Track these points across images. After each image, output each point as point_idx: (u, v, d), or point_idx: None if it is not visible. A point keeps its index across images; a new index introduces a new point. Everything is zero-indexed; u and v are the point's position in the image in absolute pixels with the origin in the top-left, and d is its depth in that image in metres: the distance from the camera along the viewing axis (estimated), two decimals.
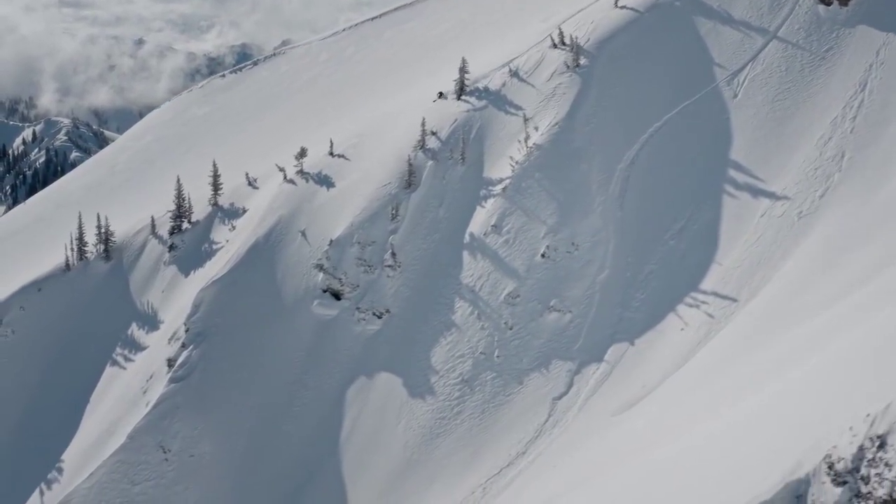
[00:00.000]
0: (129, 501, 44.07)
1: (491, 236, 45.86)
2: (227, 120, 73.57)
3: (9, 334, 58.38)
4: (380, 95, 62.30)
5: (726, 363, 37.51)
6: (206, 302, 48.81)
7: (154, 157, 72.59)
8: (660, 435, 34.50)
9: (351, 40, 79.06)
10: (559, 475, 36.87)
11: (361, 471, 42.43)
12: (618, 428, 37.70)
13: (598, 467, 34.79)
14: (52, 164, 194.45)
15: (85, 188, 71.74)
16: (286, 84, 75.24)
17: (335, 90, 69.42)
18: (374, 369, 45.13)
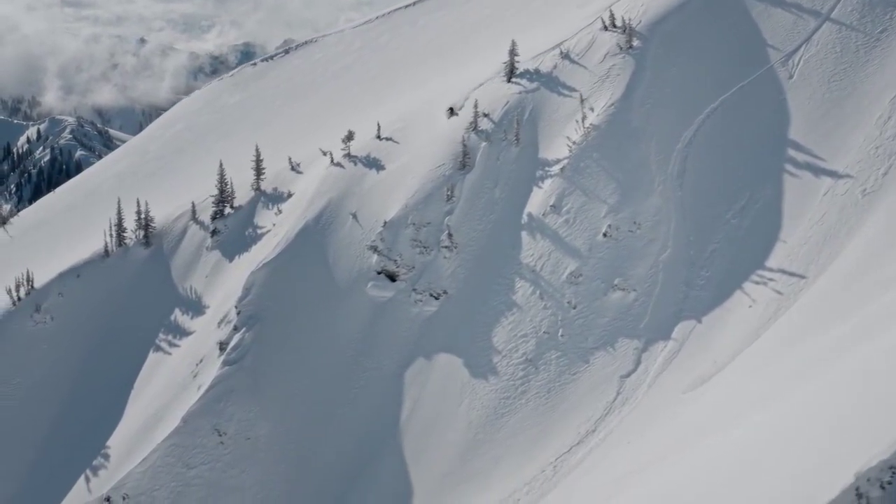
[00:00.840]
0: (184, 485, 43.99)
1: (550, 216, 46.07)
2: (262, 107, 73.85)
3: (47, 321, 58.42)
4: (419, 81, 62.62)
5: (799, 339, 37.68)
6: (258, 285, 48.88)
7: (186, 144, 72.79)
8: (734, 413, 34.60)
9: (384, 28, 79.43)
10: (631, 453, 36.99)
11: (424, 451, 42.49)
12: (690, 405, 37.83)
13: (671, 445, 34.86)
14: (56, 163, 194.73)
15: (117, 177, 71.89)
16: (320, 71, 75.55)
17: (372, 77, 69.75)
18: (432, 350, 45.23)
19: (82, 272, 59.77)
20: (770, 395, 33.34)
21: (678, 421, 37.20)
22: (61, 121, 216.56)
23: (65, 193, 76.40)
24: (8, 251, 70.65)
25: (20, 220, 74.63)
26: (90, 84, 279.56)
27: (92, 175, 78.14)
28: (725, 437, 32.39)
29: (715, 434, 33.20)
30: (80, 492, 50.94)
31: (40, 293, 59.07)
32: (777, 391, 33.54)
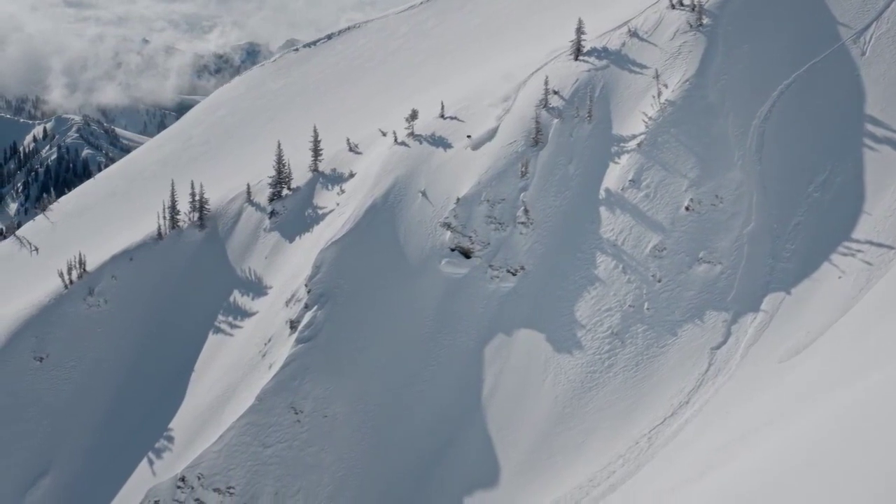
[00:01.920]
0: (260, 464, 43.97)
1: (629, 191, 46.36)
2: (307, 92, 74.13)
3: (101, 304, 58.41)
4: (477, 63, 62.85)
5: (892, 309, 38.04)
6: (328, 263, 49.00)
7: (231, 129, 73.00)
8: (835, 381, 34.86)
9: (429, 14, 79.86)
10: (732, 422, 37.16)
11: (509, 426, 42.62)
12: (788, 374, 38.08)
13: (774, 413, 35.06)
14: (64, 161, 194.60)
15: (160, 162, 72.01)
16: (367, 56, 75.84)
17: (422, 60, 70.16)
18: (512, 326, 45.40)
19: (135, 255, 59.83)
20: (870, 364, 33.63)
21: (777, 390, 37.45)
22: (67, 119, 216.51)
23: (105, 180, 76.38)
24: (50, 237, 70.58)
25: (60, 206, 74.50)
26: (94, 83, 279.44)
27: (133, 161, 78.16)
28: (829, 404, 32.61)
29: (817, 402, 33.43)
30: (143, 474, 50.86)
31: (93, 276, 59.10)
32: (877, 360, 33.83)
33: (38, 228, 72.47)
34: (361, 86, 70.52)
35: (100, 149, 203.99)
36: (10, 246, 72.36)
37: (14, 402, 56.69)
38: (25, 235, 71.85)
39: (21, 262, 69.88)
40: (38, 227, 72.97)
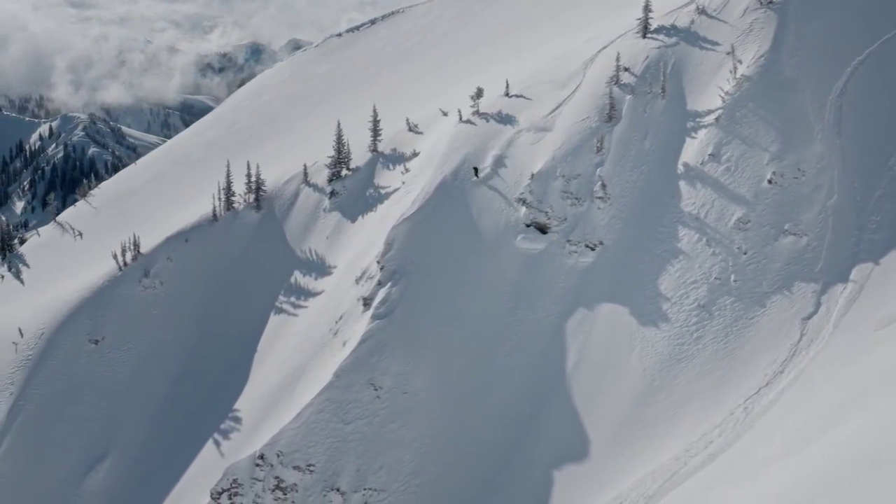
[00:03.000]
0: (340, 441, 43.86)
1: (709, 165, 46.62)
2: (354, 75, 74.39)
3: (157, 286, 58.37)
4: (528, 45, 63.18)
5: None
6: (400, 239, 49.02)
7: (278, 113, 73.12)
8: None
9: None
10: (832, 390, 37.27)
11: (596, 400, 42.72)
12: (886, 342, 38.19)
13: (875, 381, 35.16)
14: (70, 160, 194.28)
15: (206, 146, 72.08)
16: (415, 40, 76.04)
17: (473, 43, 70.39)
18: (594, 300, 45.55)
19: (190, 237, 59.84)
20: None
21: (876, 356, 37.54)
22: (73, 118, 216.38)
23: (148, 164, 76.25)
24: (94, 222, 70.40)
25: (101, 192, 74.20)
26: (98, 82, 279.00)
27: (177, 145, 78.17)
28: None
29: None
30: (210, 455, 50.76)
31: (148, 258, 59.15)
32: None
33: (80, 214, 72.26)
34: (411, 69, 70.72)
35: (106, 147, 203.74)
36: (51, 232, 72.09)
37: (70, 385, 56.51)
38: (67, 221, 71.55)
39: (65, 247, 69.65)
40: (79, 212, 72.75)
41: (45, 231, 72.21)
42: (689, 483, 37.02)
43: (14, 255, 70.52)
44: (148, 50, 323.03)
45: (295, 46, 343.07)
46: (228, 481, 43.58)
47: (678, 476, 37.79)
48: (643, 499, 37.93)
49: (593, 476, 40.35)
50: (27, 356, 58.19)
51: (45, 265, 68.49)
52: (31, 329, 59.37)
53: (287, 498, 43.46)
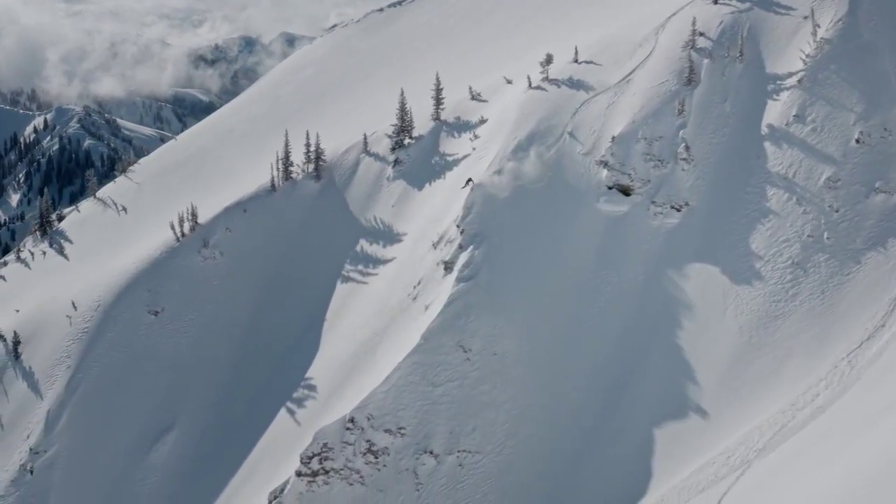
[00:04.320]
0: (431, 403, 43.56)
1: (794, 126, 46.93)
2: (401, 49, 74.11)
3: (216, 256, 57.96)
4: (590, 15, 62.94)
5: None
6: (478, 203, 48.98)
7: (323, 87, 72.89)
8: None
9: None
10: None
11: (693, 357, 42.89)
12: None
13: None
14: (66, 152, 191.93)
15: (250, 120, 71.64)
16: (462, 14, 75.66)
17: (527, 16, 70.07)
18: (682, 260, 45.74)
19: (249, 207, 59.37)
20: None
21: None
22: (68, 110, 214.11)
23: (190, 139, 75.37)
24: (137, 197, 69.47)
25: (141, 167, 73.21)
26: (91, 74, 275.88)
27: (219, 120, 77.51)
28: None
29: None
30: (284, 423, 50.42)
31: (207, 229, 58.65)
32: None
33: (122, 190, 71.47)
34: (463, 41, 70.71)
35: (102, 139, 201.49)
36: (91, 208, 71.25)
37: (130, 356, 55.91)
38: (108, 196, 70.55)
39: (108, 222, 68.91)
40: (120, 188, 71.95)
41: (85, 207, 71.28)
42: (802, 435, 37.09)
43: (55, 231, 69.50)
44: (140, 42, 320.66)
45: (287, 39, 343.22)
46: (318, 445, 43.07)
47: (788, 429, 37.87)
48: (753, 452, 37.92)
49: (696, 433, 40.37)
50: (83, 329, 57.38)
51: (89, 240, 67.60)
52: (85, 302, 58.58)
53: (379, 461, 43.08)
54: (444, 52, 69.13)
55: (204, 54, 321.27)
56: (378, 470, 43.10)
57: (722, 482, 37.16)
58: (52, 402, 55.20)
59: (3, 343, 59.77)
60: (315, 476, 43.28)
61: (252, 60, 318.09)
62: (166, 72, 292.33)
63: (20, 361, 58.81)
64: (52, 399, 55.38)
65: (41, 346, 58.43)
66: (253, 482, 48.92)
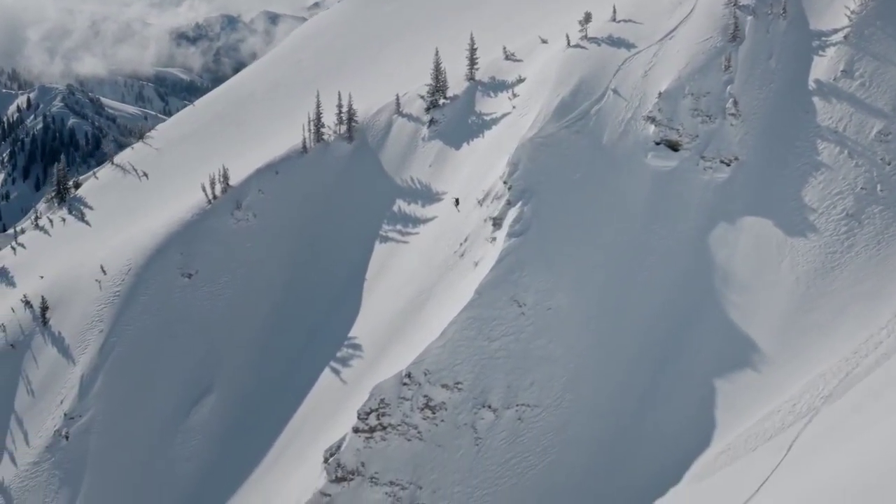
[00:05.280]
0: (487, 358, 43.03)
1: (842, 81, 46.76)
2: (425, 13, 72.39)
3: (250, 218, 56.85)
4: None
5: None
6: (525, 160, 48.34)
7: (344, 52, 71.61)
8: None
9: None
10: None
11: (751, 309, 42.70)
12: None
13: None
14: (50, 131, 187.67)
15: (271, 84, 70.43)
16: None
17: None
18: (734, 214, 45.46)
19: (280, 168, 58.13)
20: None
21: None
22: (52, 89, 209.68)
23: (208, 105, 73.64)
24: (158, 162, 67.82)
25: (160, 134, 71.50)
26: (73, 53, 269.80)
27: (239, 85, 75.86)
28: None
29: None
30: (329, 382, 49.73)
31: (239, 191, 57.39)
32: None
33: (141, 156, 69.69)
34: (491, 5, 69.20)
35: (86, 118, 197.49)
36: (110, 174, 69.53)
37: (164, 320, 54.82)
38: (127, 162, 68.73)
39: (129, 187, 67.39)
40: (138, 154, 70.19)
41: (104, 174, 69.47)
42: (869, 381, 36.95)
43: (73, 198, 67.67)
44: (121, 20, 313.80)
45: (270, 17, 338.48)
46: (376, 401, 42.33)
47: (853, 376, 37.68)
48: (819, 399, 37.73)
49: (758, 383, 40.14)
50: (114, 293, 56.03)
51: (110, 206, 66.01)
52: (114, 266, 57.21)
53: (436, 416, 42.45)
54: (474, 16, 67.84)
55: (185, 32, 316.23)
56: (436, 425, 42.49)
57: (790, 429, 36.95)
58: (85, 366, 53.87)
59: (30, 309, 58.20)
60: (372, 432, 42.55)
61: (234, 38, 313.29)
62: (148, 50, 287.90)
63: (48, 327, 57.32)
64: (86, 364, 54.04)
65: (70, 312, 56.96)
66: (299, 441, 48.09)
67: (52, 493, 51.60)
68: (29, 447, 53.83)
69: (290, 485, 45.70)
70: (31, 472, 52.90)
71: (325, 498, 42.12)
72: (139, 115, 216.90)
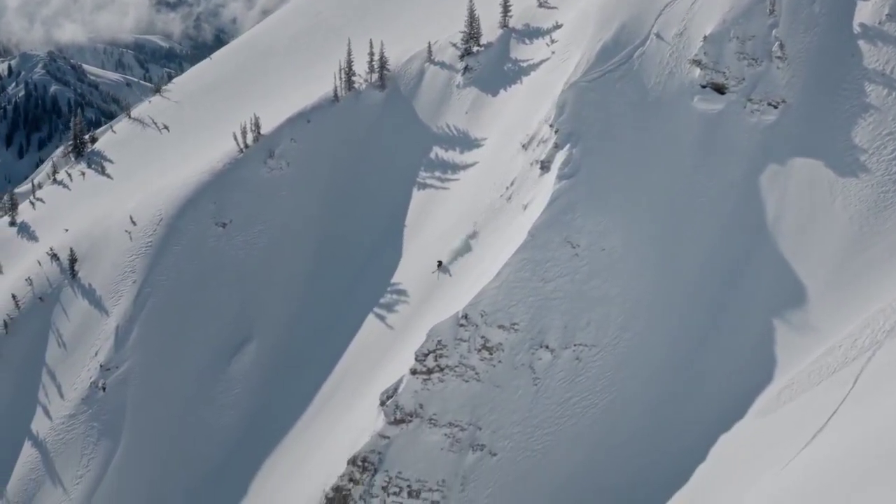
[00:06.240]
0: (543, 299, 42.27)
1: (888, 24, 46.22)
2: None
3: (283, 167, 55.34)
4: None
5: None
6: (570, 103, 47.28)
7: (364, 4, 68.82)
8: None
9: None
10: None
11: (804, 248, 42.22)
12: None
13: None
14: (32, 98, 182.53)
15: (291, 38, 68.08)
16: None
17: None
18: (783, 156, 44.87)
19: (312, 117, 56.30)
20: None
21: None
22: (33, 56, 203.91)
23: (227, 58, 71.39)
24: (178, 115, 65.75)
25: (177, 87, 69.18)
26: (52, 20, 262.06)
27: (257, 38, 73.50)
28: None
29: None
30: (374, 328, 49.01)
31: (271, 139, 55.80)
32: None
33: (160, 109, 67.49)
34: None
35: (68, 84, 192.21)
36: (128, 128, 67.18)
37: (200, 269, 53.40)
38: (148, 115, 66.45)
39: (150, 140, 65.30)
40: (158, 107, 67.94)
41: (121, 127, 67.08)
42: None
43: (92, 152, 65.31)
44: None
45: None
46: (433, 343, 41.40)
47: None
48: (882, 333, 37.32)
49: (815, 320, 39.75)
50: (146, 243, 54.28)
51: (131, 159, 63.93)
52: (144, 217, 55.44)
53: (493, 357, 41.65)
54: None
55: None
56: (493, 366, 41.68)
57: (853, 363, 36.57)
58: (119, 317, 52.20)
59: (57, 262, 56.15)
60: (430, 374, 41.66)
61: (215, 3, 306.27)
62: (128, 17, 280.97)
63: (77, 279, 55.41)
64: (120, 315, 52.36)
65: (100, 263, 55.12)
66: (347, 387, 47.10)
67: (90, 444, 50.12)
68: (63, 400, 52.23)
69: (340, 430, 44.72)
70: (66, 424, 51.36)
71: (384, 440, 41.25)
72: (121, 82, 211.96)
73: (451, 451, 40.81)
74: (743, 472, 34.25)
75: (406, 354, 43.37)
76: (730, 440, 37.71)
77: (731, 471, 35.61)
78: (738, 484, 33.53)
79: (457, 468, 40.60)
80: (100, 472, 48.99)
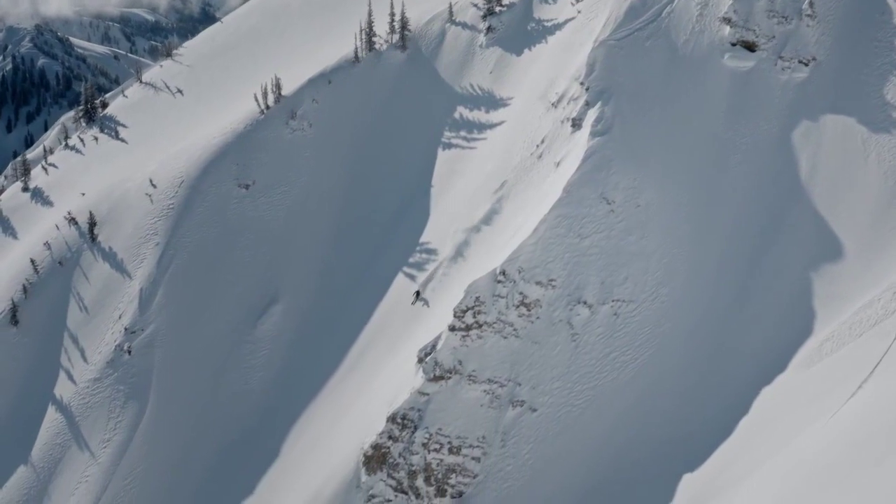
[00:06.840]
0: (580, 255, 41.59)
1: None
2: None
3: (305, 128, 54.23)
4: None
5: None
6: (600, 61, 46.34)
7: None
8: None
9: None
10: None
11: (838, 203, 41.96)
12: None
13: None
14: (20, 71, 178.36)
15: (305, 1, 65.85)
16: None
17: None
18: (816, 112, 44.36)
19: (333, 78, 55.01)
20: None
21: None
22: (20, 29, 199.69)
23: (238, 21, 69.61)
24: (191, 78, 64.07)
25: (189, 51, 67.42)
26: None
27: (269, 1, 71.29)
28: None
29: None
30: (404, 286, 47.68)
31: (293, 100, 54.57)
32: None
33: (172, 73, 65.70)
34: None
35: (55, 58, 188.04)
36: (140, 92, 65.40)
37: (223, 231, 52.22)
38: (159, 80, 64.72)
39: (164, 104, 63.72)
40: (169, 72, 66.18)
41: (133, 92, 65.33)
42: None
43: (104, 117, 63.55)
44: None
45: None
46: (471, 299, 40.69)
47: None
48: None
49: (854, 273, 39.44)
50: (167, 205, 52.98)
51: (145, 123, 62.30)
52: (165, 179, 54.06)
53: (532, 314, 41.02)
54: None
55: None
56: (531, 322, 41.06)
57: (895, 314, 36.50)
58: (143, 280, 50.99)
59: (76, 226, 54.66)
60: (468, 330, 40.96)
61: None
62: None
63: (97, 243, 54.02)
64: (144, 277, 51.14)
65: (121, 226, 53.77)
66: (380, 344, 46.32)
67: (117, 408, 49.05)
68: (87, 364, 51.05)
69: (375, 388, 44.05)
70: (92, 388, 50.22)
71: (424, 397, 40.59)
72: (109, 55, 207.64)
73: (491, 408, 40.25)
74: (788, 424, 33.99)
75: (439, 312, 42.72)
76: (772, 393, 37.41)
77: (775, 423, 35.31)
78: (784, 435, 33.31)
79: (497, 424, 40.07)
80: (128, 436, 47.99)
